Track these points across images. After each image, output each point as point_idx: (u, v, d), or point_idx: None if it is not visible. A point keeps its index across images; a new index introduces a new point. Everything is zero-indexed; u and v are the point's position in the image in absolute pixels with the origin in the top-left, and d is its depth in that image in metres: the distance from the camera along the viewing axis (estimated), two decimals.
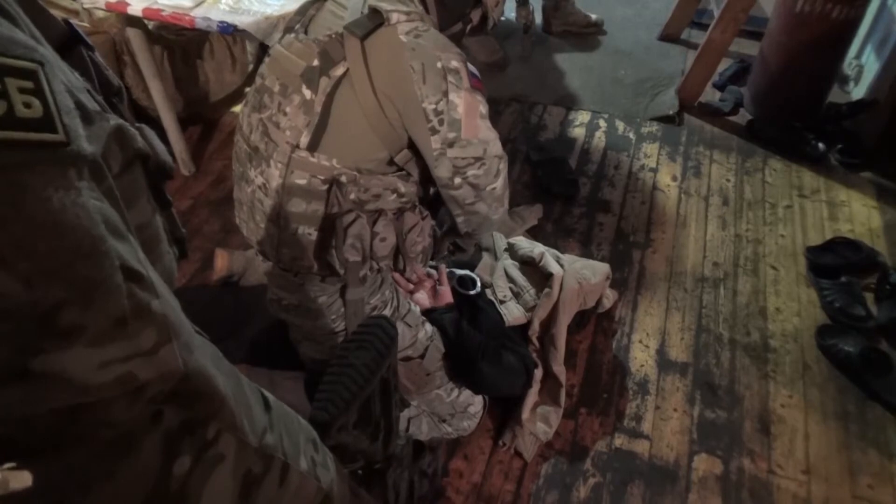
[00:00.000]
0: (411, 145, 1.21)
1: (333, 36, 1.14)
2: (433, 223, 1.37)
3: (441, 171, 1.21)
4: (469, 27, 1.37)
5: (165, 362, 0.38)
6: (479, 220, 1.34)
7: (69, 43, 0.48)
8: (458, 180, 1.22)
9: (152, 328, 0.37)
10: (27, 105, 0.32)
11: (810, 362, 1.78)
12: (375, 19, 1.12)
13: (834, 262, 2.00)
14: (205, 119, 2.64)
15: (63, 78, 0.36)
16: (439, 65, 1.12)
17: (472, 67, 1.17)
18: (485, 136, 1.20)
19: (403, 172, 1.25)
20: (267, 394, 0.55)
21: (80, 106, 0.37)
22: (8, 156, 0.31)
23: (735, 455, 1.58)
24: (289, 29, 1.25)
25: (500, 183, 1.29)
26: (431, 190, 1.34)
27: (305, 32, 1.22)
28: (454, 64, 1.14)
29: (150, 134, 0.50)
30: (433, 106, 1.13)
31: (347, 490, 0.65)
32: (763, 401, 1.69)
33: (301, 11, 1.27)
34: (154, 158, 0.49)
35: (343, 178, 1.17)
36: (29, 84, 0.32)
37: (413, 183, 1.27)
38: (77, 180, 0.35)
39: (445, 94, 1.13)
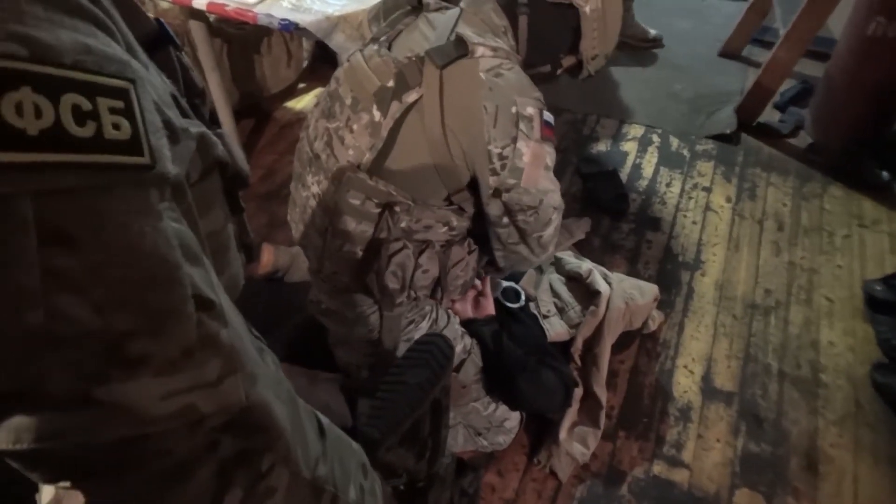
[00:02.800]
0: (471, 185, 1.17)
1: (413, 59, 1.11)
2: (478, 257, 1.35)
3: (492, 210, 1.18)
4: (560, 71, 1.34)
5: (228, 394, 0.37)
6: (517, 259, 1.31)
7: (158, 42, 0.47)
8: (505, 220, 1.19)
9: (218, 359, 0.36)
10: (116, 126, 0.31)
11: (863, 401, 1.71)
12: (459, 49, 1.09)
13: (893, 298, 1.91)
14: (258, 112, 2.67)
15: (153, 94, 0.35)
16: (514, 109, 1.08)
17: (547, 115, 1.13)
18: (544, 187, 1.16)
19: (457, 207, 1.22)
20: (322, 418, 0.54)
21: (167, 124, 0.36)
22: (92, 179, 0.30)
23: (779, 492, 1.52)
24: (374, 39, 1.23)
25: (548, 232, 1.24)
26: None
27: (389, 48, 1.19)
28: (529, 111, 1.09)
29: (230, 141, 0.49)
30: (499, 150, 1.09)
31: None
32: (811, 438, 1.63)
33: (391, 24, 1.24)
34: (232, 165, 0.48)
35: (397, 208, 1.15)
36: (119, 104, 0.31)
37: (466, 218, 1.24)
38: (158, 203, 0.34)
39: (514, 140, 1.09)
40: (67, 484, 0.35)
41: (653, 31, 3.11)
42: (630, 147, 2.57)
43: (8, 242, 0.28)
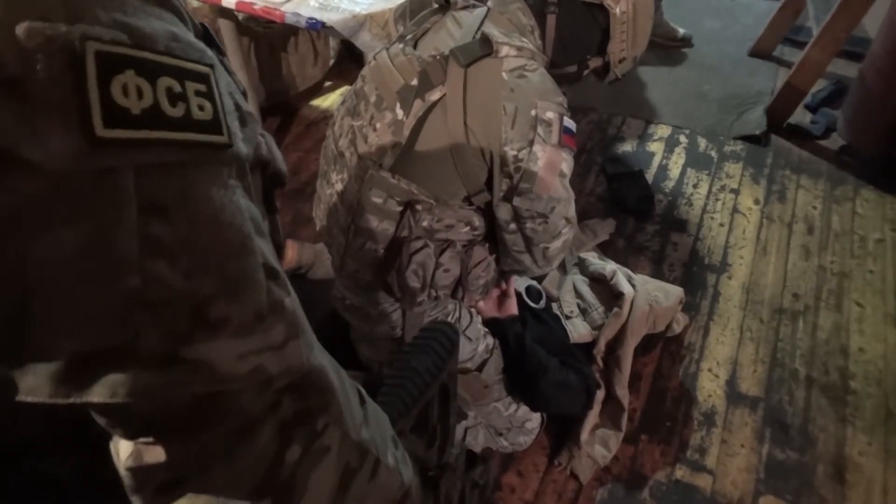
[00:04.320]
0: (489, 186, 1.16)
1: (438, 57, 1.10)
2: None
3: (500, 213, 1.17)
4: (586, 72, 1.32)
5: (292, 357, 0.40)
6: (519, 268, 1.29)
7: None
8: (513, 226, 1.17)
9: (283, 324, 0.39)
10: (201, 108, 0.34)
11: (894, 409, 1.67)
12: (484, 49, 1.08)
13: None
14: (284, 110, 2.70)
15: (225, 80, 0.39)
16: (533, 112, 1.07)
17: (567, 121, 1.11)
18: (556, 195, 1.13)
19: (476, 207, 1.21)
20: (361, 388, 0.55)
21: (238, 108, 0.39)
22: (182, 155, 0.33)
23: (804, 500, 1.49)
24: (401, 37, 1.23)
25: (555, 245, 1.22)
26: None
27: (415, 46, 1.19)
28: (549, 115, 1.08)
29: (271, 141, 0.52)
30: (514, 152, 1.08)
31: (421, 488, 0.65)
32: (839, 445, 1.59)
33: (418, 22, 1.24)
34: (273, 165, 0.50)
35: (419, 206, 1.15)
36: (203, 87, 0.35)
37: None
38: (229, 178, 0.37)
39: (531, 143, 1.07)
40: (150, 439, 0.38)
41: (682, 31, 3.07)
42: (656, 147, 2.54)
43: (114, 213, 0.31)
